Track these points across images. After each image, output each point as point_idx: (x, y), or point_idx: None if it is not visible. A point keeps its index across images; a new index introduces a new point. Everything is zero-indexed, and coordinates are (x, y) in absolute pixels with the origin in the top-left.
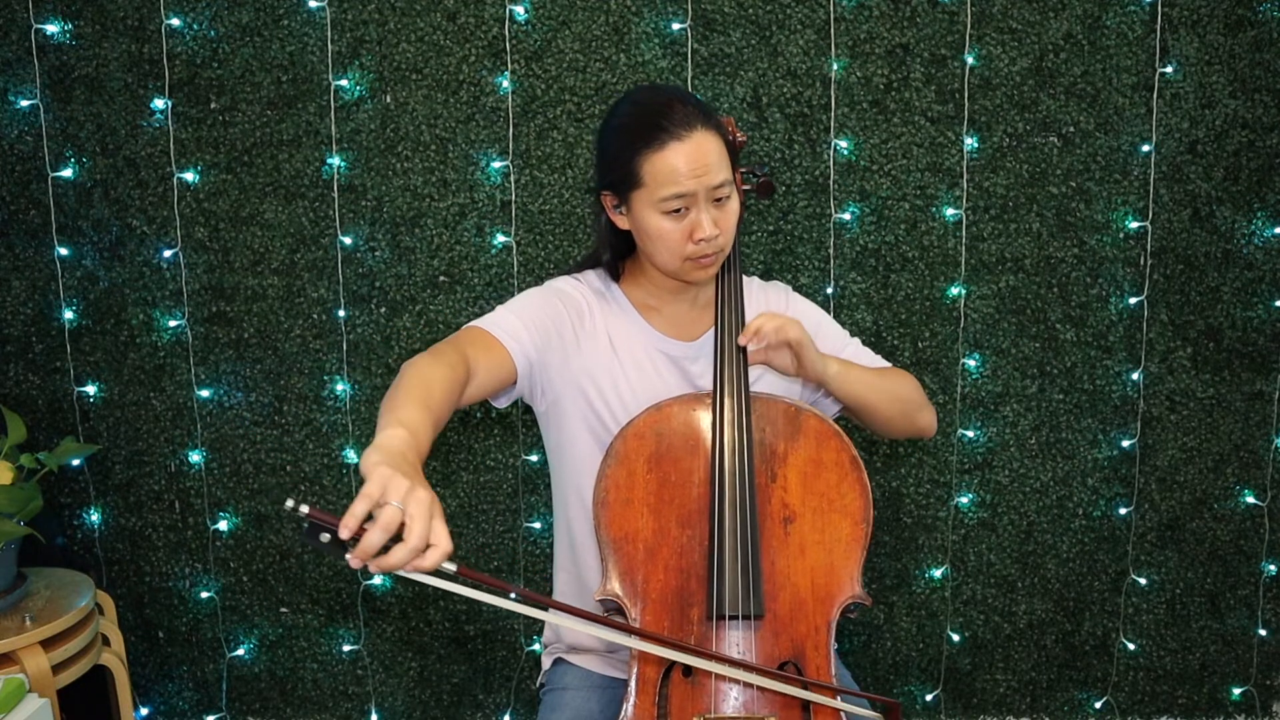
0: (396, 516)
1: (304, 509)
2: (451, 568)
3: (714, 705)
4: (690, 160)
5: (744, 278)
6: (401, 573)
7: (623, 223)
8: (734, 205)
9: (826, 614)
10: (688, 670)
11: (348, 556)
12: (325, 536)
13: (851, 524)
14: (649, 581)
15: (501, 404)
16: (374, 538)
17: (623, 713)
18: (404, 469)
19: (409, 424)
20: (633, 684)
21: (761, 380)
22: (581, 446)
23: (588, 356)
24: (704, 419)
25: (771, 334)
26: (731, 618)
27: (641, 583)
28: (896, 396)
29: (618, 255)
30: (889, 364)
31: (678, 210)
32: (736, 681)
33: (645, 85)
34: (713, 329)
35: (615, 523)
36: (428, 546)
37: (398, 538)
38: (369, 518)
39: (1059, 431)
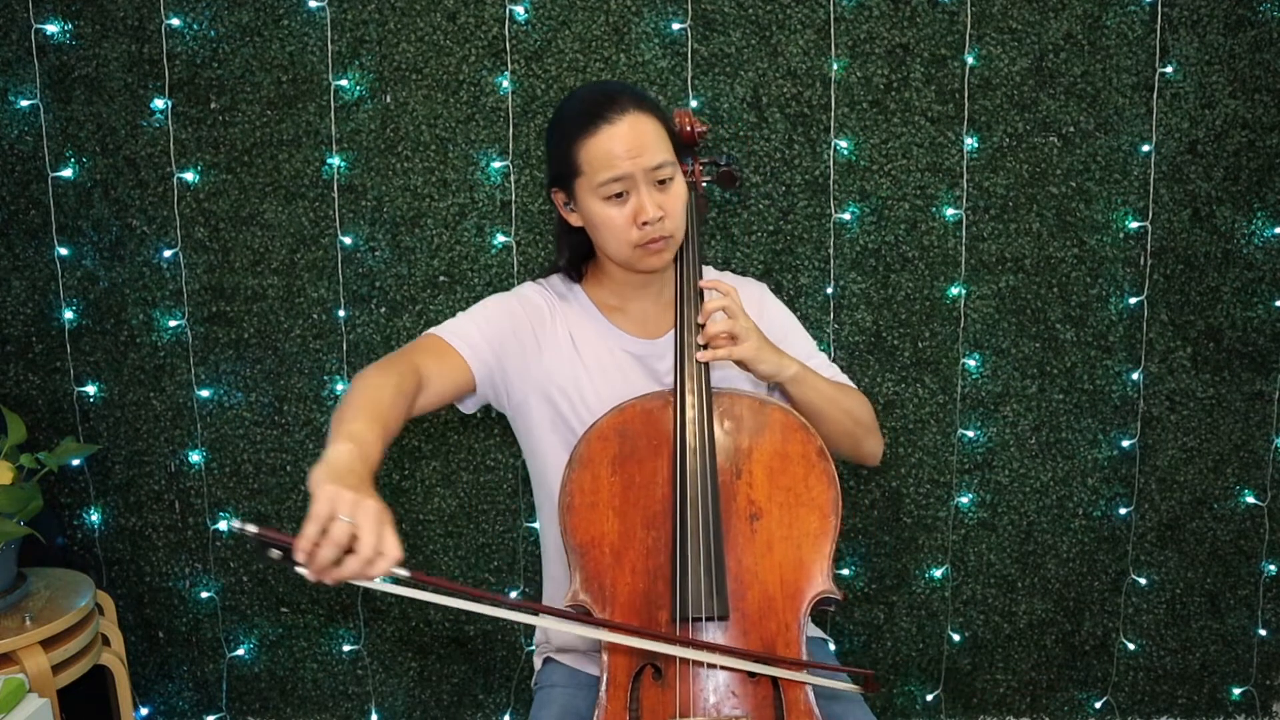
0: (346, 531)
1: (251, 529)
2: (404, 573)
3: (686, 708)
4: (624, 142)
5: (717, 273)
6: (356, 582)
7: (575, 220)
8: (679, 188)
9: (796, 610)
10: (659, 672)
11: (303, 570)
12: (276, 553)
13: (820, 517)
14: (616, 585)
15: (468, 409)
16: (326, 553)
17: (594, 717)
18: (350, 482)
19: (356, 437)
20: (603, 688)
21: (726, 370)
22: (551, 451)
23: (550, 360)
24: (666, 418)
25: (721, 349)
26: (697, 619)
27: (609, 586)
28: (849, 414)
29: (576, 257)
30: (851, 384)
31: (619, 194)
32: (710, 666)
33: (588, 83)
34: (674, 326)
35: (580, 527)
36: (378, 556)
37: (351, 550)
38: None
39: (1059, 431)
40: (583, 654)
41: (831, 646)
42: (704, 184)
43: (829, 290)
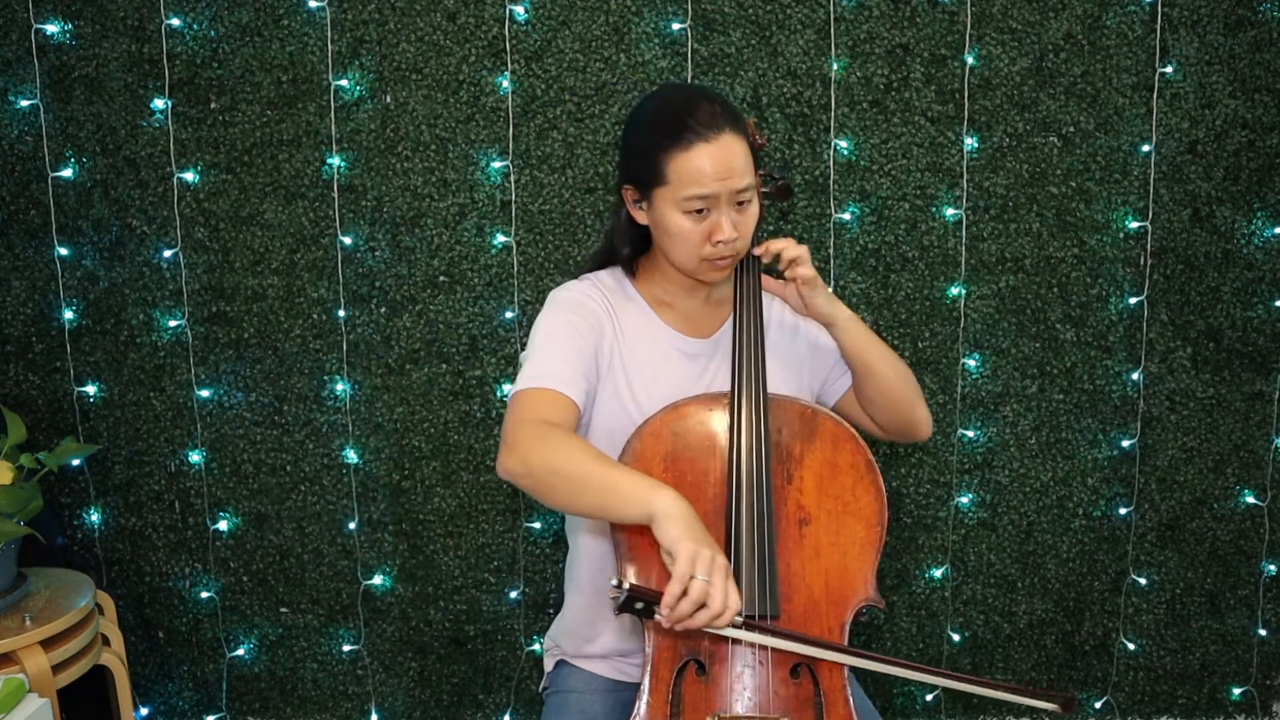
0: (704, 589)
1: (628, 583)
2: (739, 619)
3: (727, 705)
4: (716, 162)
5: (772, 281)
6: (705, 629)
7: (642, 218)
8: (754, 209)
9: (840, 616)
10: (701, 669)
11: (659, 617)
12: (639, 604)
13: (866, 527)
14: (663, 580)
15: None
16: (685, 608)
17: (635, 711)
18: (700, 535)
19: (660, 484)
20: (646, 682)
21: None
22: (603, 448)
23: (614, 366)
24: (721, 420)
25: (785, 262)
26: (749, 617)
27: (657, 582)
28: (898, 372)
29: (635, 251)
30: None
31: (699, 210)
32: (762, 649)
33: (675, 83)
34: (729, 324)
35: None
36: (726, 609)
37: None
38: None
39: (1059, 431)
40: (600, 658)
41: None
42: (762, 194)
43: (829, 290)
